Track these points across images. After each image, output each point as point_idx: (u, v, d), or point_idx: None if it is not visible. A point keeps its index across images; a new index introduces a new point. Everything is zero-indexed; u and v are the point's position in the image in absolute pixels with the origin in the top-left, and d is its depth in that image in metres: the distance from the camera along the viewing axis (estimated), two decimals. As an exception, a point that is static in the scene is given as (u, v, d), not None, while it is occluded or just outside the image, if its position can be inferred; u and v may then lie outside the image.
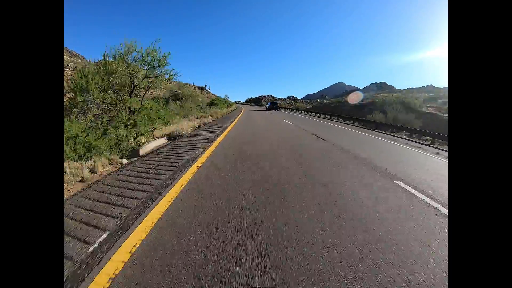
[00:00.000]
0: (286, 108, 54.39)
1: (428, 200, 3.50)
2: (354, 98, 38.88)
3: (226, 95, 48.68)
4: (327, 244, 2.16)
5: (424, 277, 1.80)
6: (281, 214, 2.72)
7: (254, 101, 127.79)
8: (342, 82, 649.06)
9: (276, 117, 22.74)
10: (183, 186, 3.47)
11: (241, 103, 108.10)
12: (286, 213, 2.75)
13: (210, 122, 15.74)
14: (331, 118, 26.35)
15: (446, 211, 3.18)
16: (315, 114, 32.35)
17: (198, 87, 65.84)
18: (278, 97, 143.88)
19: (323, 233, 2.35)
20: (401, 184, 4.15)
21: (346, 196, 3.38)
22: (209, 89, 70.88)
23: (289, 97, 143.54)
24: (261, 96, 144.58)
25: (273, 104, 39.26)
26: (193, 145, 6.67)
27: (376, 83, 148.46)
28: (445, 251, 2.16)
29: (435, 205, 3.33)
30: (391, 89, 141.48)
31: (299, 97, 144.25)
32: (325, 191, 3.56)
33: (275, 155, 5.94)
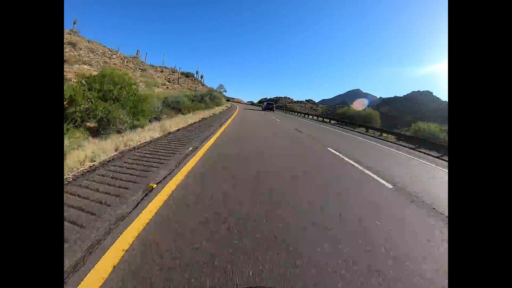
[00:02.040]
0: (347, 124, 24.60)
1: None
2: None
3: (220, 85, 24.42)
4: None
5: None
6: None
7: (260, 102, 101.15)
8: (358, 89, 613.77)
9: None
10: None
11: (252, 104, 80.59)
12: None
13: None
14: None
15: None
16: None
17: (182, 73, 40.27)
18: (295, 99, 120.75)
19: None
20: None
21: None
22: (202, 77, 44.94)
23: (307, 101, 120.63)
24: (277, 97, 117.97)
25: (269, 105, 35.06)
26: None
27: (419, 91, 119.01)
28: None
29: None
30: (437, 100, 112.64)
31: (315, 101, 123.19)
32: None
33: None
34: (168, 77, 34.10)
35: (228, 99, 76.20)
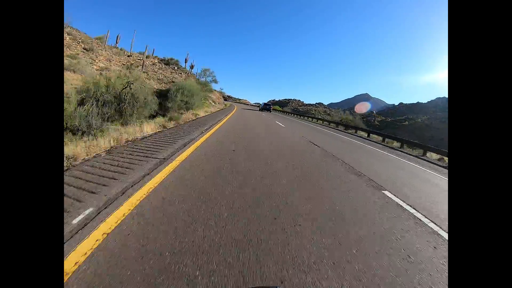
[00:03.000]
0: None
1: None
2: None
3: (205, 70, 12.85)
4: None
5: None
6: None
7: (278, 105, 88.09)
8: (367, 93, 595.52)
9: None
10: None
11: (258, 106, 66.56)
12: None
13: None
14: None
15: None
16: None
17: (161, 60, 27.64)
18: (306, 102, 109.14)
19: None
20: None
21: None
22: (192, 67, 31.78)
23: (318, 104, 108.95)
24: (287, 99, 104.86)
25: (266, 105, 35.09)
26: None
27: (444, 97, 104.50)
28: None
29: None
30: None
31: (325, 105, 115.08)
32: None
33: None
34: (132, 62, 21.74)
35: (225, 98, 62.65)
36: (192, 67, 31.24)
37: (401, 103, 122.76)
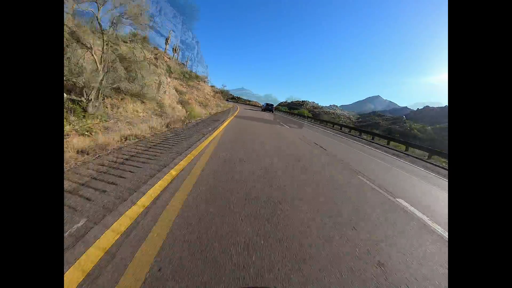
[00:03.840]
0: None
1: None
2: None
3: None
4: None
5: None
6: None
7: (292, 108, 77.25)
8: (378, 95, 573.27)
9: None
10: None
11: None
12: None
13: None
14: None
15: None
16: None
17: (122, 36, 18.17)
18: (321, 105, 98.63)
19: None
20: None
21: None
22: (175, 51, 21.54)
23: (331, 106, 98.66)
24: (302, 101, 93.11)
25: (268, 106, 37.03)
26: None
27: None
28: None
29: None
30: None
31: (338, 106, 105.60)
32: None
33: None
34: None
35: (229, 98, 54.93)
36: (175, 50, 20.91)
37: (427, 107, 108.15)
